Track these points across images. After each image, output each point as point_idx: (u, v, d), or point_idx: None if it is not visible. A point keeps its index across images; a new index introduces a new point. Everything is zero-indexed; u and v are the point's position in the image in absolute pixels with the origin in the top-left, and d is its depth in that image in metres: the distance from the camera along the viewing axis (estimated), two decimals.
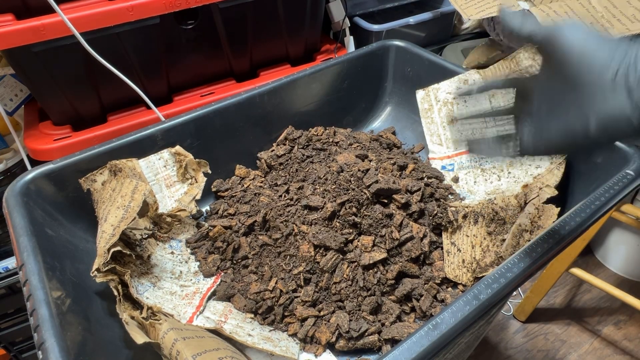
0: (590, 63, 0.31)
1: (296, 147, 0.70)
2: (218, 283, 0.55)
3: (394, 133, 0.79)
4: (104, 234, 0.46)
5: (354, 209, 0.55)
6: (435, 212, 0.58)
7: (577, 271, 1.04)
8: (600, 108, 0.30)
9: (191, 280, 0.55)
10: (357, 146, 0.69)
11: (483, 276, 0.42)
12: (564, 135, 0.34)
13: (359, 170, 0.58)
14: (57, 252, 0.48)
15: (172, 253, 0.58)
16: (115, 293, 0.45)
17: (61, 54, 0.63)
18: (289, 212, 0.57)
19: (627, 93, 0.29)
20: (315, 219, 0.55)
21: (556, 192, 0.52)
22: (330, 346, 0.50)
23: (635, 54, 0.29)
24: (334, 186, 0.58)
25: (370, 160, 0.64)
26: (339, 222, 0.55)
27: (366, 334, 0.49)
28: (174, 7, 0.67)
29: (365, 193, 0.56)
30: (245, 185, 0.66)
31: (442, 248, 0.58)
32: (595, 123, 0.31)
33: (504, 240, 0.54)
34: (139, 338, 0.39)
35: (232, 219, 0.61)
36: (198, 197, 0.60)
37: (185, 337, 0.40)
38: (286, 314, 0.52)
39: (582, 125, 0.32)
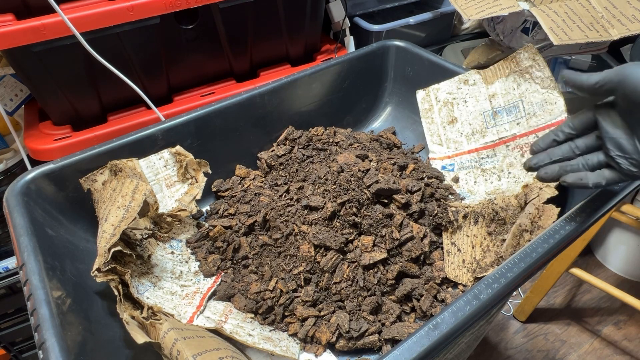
0: None
1: (296, 147, 0.70)
2: (218, 283, 0.55)
3: (394, 133, 0.79)
4: (104, 233, 0.46)
5: (354, 209, 0.55)
6: (435, 212, 0.58)
7: (577, 271, 1.04)
8: None
9: (191, 280, 0.55)
10: (358, 146, 0.69)
11: (483, 276, 0.42)
12: None
13: (359, 170, 0.58)
14: (58, 252, 0.48)
15: (173, 253, 0.58)
16: (116, 293, 0.45)
17: (61, 54, 0.63)
18: (289, 212, 0.57)
19: None
20: (315, 219, 0.55)
21: (556, 192, 0.52)
22: (330, 346, 0.50)
23: None
24: (334, 186, 0.58)
25: (371, 161, 0.64)
26: (339, 222, 0.55)
27: (366, 334, 0.49)
28: (174, 7, 0.67)
29: (365, 193, 0.56)
30: (246, 185, 0.66)
31: (442, 248, 0.58)
32: None
33: (504, 240, 0.54)
34: (140, 338, 0.39)
35: (232, 219, 0.61)
36: (198, 197, 0.60)
37: (185, 337, 0.40)
38: (286, 314, 0.52)
39: None
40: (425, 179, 0.63)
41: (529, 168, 0.48)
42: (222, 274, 0.56)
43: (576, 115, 0.46)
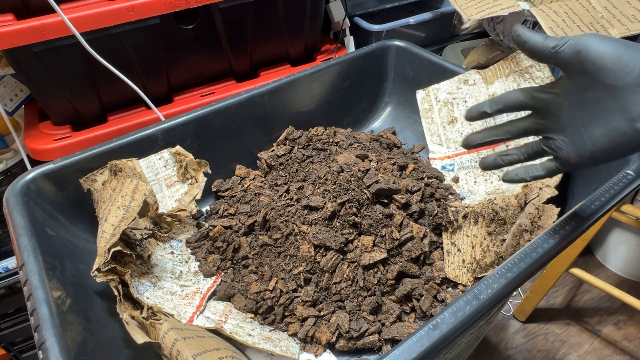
0: (626, 66, 0.32)
1: (296, 147, 0.70)
2: (218, 283, 0.55)
3: (394, 133, 0.79)
4: (104, 233, 0.46)
5: (354, 209, 0.55)
6: (435, 212, 0.58)
7: (577, 271, 1.04)
8: None
9: (191, 280, 0.55)
10: (357, 146, 0.69)
11: (483, 276, 0.42)
12: (611, 139, 0.34)
13: (359, 170, 0.58)
14: (58, 252, 0.48)
15: (172, 253, 0.58)
16: (116, 293, 0.45)
17: (61, 54, 0.63)
18: (289, 212, 0.57)
19: None
20: (315, 219, 0.55)
21: (556, 192, 0.52)
22: (330, 346, 0.50)
23: None
24: (334, 186, 0.58)
25: (371, 161, 0.64)
26: (339, 222, 0.55)
27: (366, 334, 0.49)
28: (174, 7, 0.67)
29: (365, 193, 0.56)
30: (246, 185, 0.66)
31: (442, 248, 0.58)
32: None
33: (504, 240, 0.54)
34: (139, 338, 0.39)
35: (232, 219, 0.61)
36: (198, 197, 0.60)
37: (185, 337, 0.40)
38: (286, 314, 0.52)
39: (629, 125, 0.33)
40: (425, 179, 0.63)
41: (463, 145, 0.46)
42: (222, 274, 0.56)
43: (512, 92, 0.41)
